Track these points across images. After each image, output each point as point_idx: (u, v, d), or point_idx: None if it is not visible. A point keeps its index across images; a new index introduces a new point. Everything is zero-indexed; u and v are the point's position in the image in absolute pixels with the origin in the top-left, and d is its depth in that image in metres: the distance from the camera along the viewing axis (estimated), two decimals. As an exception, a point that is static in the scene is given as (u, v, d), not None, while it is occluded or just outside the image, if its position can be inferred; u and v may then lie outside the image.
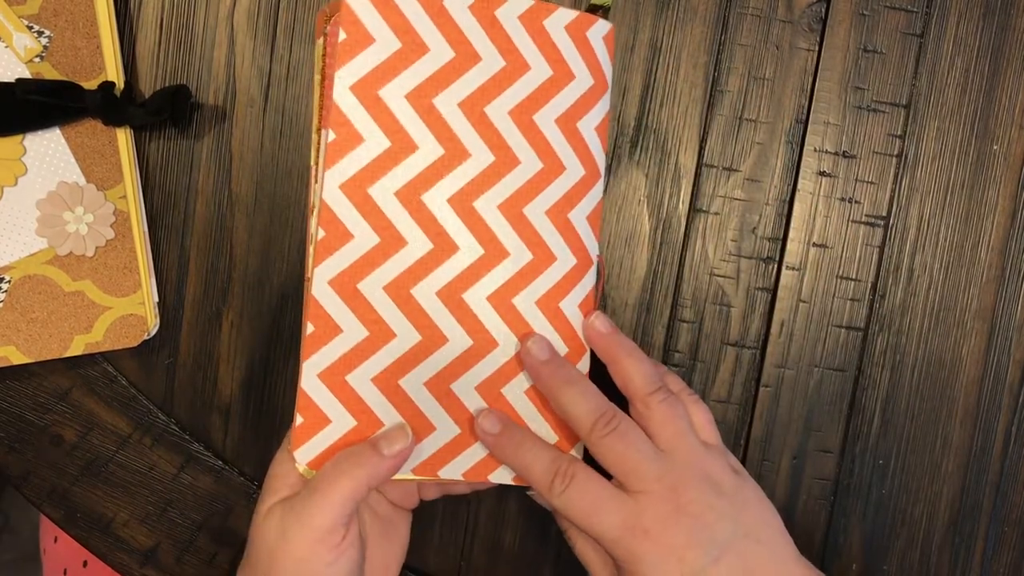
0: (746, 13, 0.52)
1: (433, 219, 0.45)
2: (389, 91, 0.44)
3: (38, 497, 0.54)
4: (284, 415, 0.54)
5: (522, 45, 0.46)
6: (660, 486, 0.43)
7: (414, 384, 0.45)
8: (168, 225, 0.52)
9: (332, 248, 0.44)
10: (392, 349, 0.45)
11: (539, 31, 0.46)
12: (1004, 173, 0.53)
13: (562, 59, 0.47)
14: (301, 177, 0.52)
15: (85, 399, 0.53)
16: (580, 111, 0.47)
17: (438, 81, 0.45)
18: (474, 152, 0.45)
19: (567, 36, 0.47)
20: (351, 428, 0.45)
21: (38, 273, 0.50)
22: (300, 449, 0.44)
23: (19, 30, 0.49)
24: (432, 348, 0.46)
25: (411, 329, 0.45)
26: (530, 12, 0.46)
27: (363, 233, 0.44)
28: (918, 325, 0.54)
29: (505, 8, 0.46)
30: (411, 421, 0.45)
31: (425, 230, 0.45)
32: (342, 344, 0.44)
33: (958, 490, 0.54)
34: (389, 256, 0.44)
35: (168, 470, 0.54)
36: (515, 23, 0.46)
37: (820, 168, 0.53)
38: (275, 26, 0.52)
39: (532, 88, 0.46)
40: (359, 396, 0.45)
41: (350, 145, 0.43)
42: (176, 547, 0.54)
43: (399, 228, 0.45)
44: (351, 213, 0.44)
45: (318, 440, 0.44)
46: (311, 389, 0.44)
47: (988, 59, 0.53)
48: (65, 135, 0.50)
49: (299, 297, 0.53)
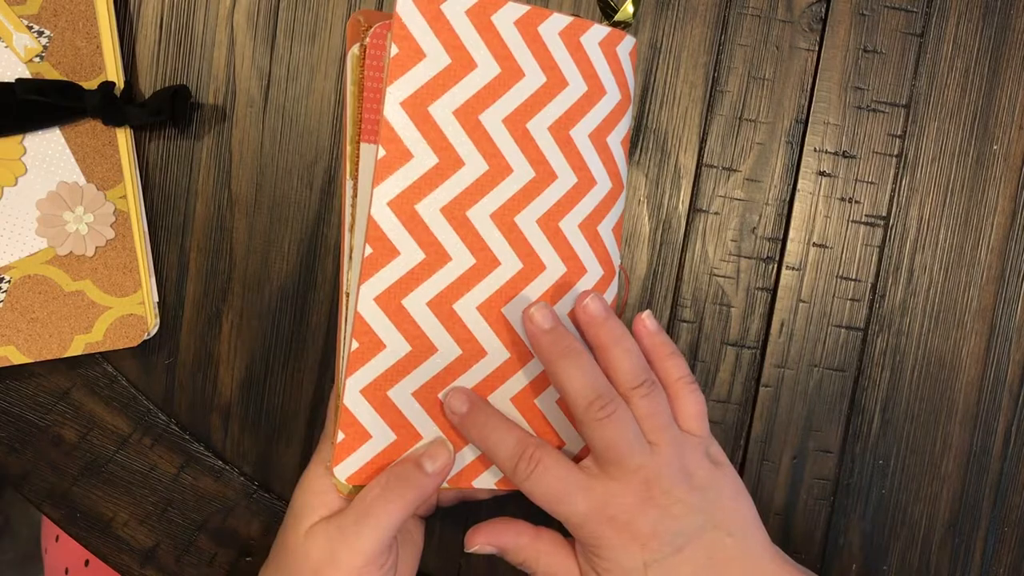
0: (746, 13, 0.52)
1: (477, 235, 0.45)
2: (438, 107, 0.44)
3: (38, 497, 0.54)
4: (284, 415, 0.54)
5: (561, 61, 0.46)
6: (635, 477, 0.43)
7: None
8: (168, 225, 0.52)
9: (379, 265, 0.44)
10: (433, 363, 0.45)
11: (576, 47, 0.46)
12: (1004, 173, 0.53)
13: (596, 74, 0.47)
14: (301, 177, 0.52)
15: (85, 399, 0.53)
16: (610, 126, 0.48)
17: (484, 97, 0.45)
18: (516, 168, 0.46)
19: (600, 52, 0.47)
20: (391, 443, 0.45)
21: (38, 273, 0.50)
22: (341, 465, 0.44)
23: (19, 30, 0.49)
24: (472, 362, 0.46)
25: (452, 343, 0.45)
26: (569, 28, 0.46)
27: (409, 250, 0.44)
28: (918, 325, 0.54)
29: (547, 24, 0.46)
30: (448, 433, 0.46)
31: (469, 246, 0.45)
32: (385, 360, 0.44)
33: (958, 490, 0.54)
34: (434, 272, 0.45)
35: (168, 470, 0.54)
36: (556, 39, 0.46)
37: (820, 168, 0.53)
38: (275, 26, 0.52)
39: (570, 104, 0.46)
40: (399, 411, 0.45)
41: (399, 162, 0.43)
42: (176, 547, 0.54)
43: (444, 244, 0.45)
44: (398, 230, 0.44)
45: (358, 456, 0.44)
46: (354, 405, 0.44)
47: (988, 59, 0.53)
48: (65, 135, 0.50)
49: (299, 297, 0.53)
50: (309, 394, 0.53)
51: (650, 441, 0.44)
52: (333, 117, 0.52)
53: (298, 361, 0.53)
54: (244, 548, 0.54)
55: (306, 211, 0.52)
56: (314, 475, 0.46)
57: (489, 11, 0.45)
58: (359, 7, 0.51)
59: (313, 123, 0.52)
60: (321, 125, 0.52)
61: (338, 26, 0.52)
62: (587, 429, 0.44)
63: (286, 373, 0.53)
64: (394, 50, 0.43)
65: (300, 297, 0.53)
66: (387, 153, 0.43)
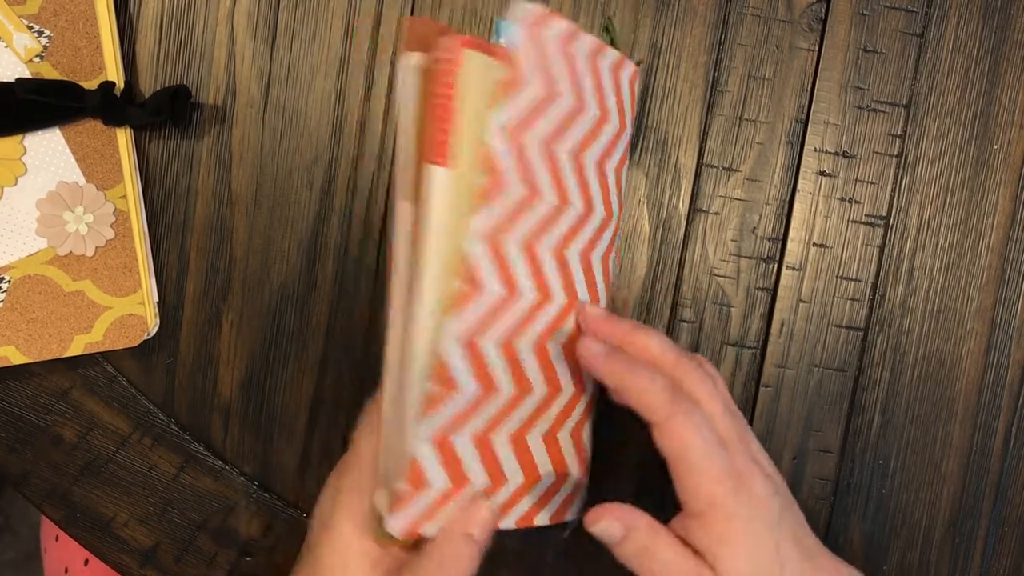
0: (746, 13, 0.52)
1: (540, 270, 0.43)
2: (530, 136, 0.41)
3: (38, 497, 0.54)
4: (284, 415, 0.54)
5: (587, 87, 0.44)
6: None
7: (501, 437, 0.43)
8: (168, 225, 0.52)
9: (466, 301, 0.40)
10: (492, 404, 0.42)
11: (596, 71, 0.45)
12: (1004, 173, 0.53)
13: (604, 100, 0.45)
14: (301, 177, 0.52)
15: (85, 399, 0.53)
16: (609, 152, 0.46)
17: (562, 128, 0.43)
18: (572, 201, 0.44)
19: (611, 77, 0.45)
20: (443, 491, 0.42)
21: (38, 273, 0.50)
22: (397, 516, 0.40)
23: (19, 30, 0.49)
24: (521, 400, 0.44)
25: (510, 382, 0.43)
26: (591, 51, 0.45)
27: (493, 286, 0.41)
28: (918, 325, 0.54)
29: (605, 55, 0.45)
30: (491, 474, 0.43)
31: (535, 281, 0.43)
32: (456, 404, 0.41)
33: (958, 490, 0.54)
34: (507, 309, 0.42)
35: (168, 470, 0.54)
36: (586, 63, 0.44)
37: (820, 168, 0.53)
38: (275, 26, 0.52)
39: (588, 129, 0.45)
40: (459, 457, 0.42)
41: (496, 192, 0.40)
42: (176, 547, 0.54)
43: (518, 279, 0.42)
44: (488, 265, 0.40)
45: (414, 507, 0.41)
46: (423, 455, 0.40)
47: (988, 59, 0.53)
48: (65, 135, 0.50)
49: (299, 297, 0.53)
50: (309, 394, 0.53)
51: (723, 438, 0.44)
52: (333, 117, 0.52)
53: (298, 361, 0.53)
54: (244, 548, 0.54)
55: (306, 211, 0.52)
56: (349, 533, 0.43)
57: (572, 40, 0.43)
58: (359, 7, 0.51)
59: (313, 123, 0.52)
60: (321, 125, 0.52)
61: (338, 26, 0.52)
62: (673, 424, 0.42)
63: (286, 373, 0.53)
64: (498, 72, 0.40)
65: (300, 297, 0.53)
66: (488, 183, 0.40)
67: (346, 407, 0.54)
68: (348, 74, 0.52)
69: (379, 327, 0.53)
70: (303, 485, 0.54)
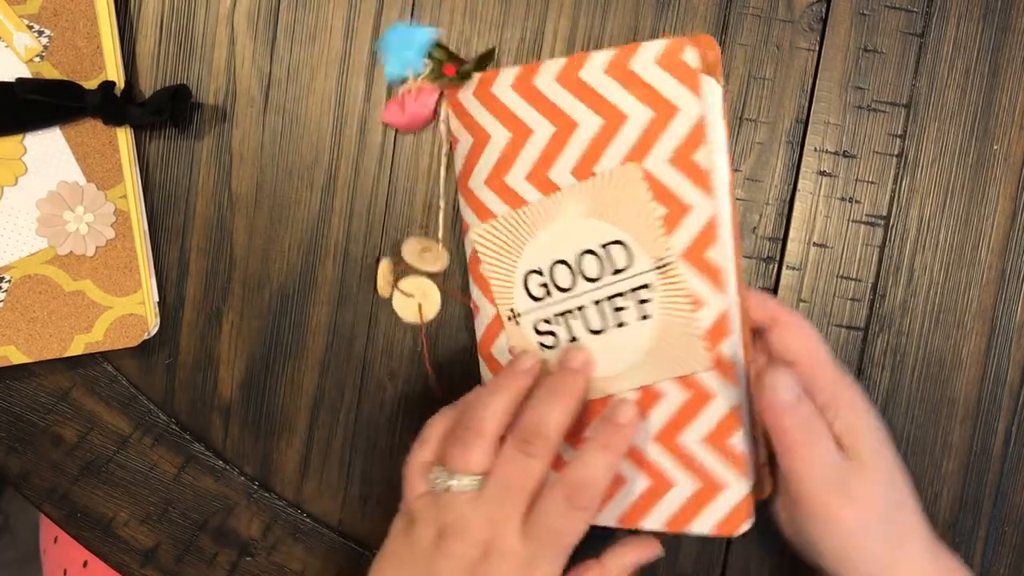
0: (746, 13, 0.52)
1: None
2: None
3: (38, 497, 0.54)
4: (284, 415, 0.54)
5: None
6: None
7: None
8: (168, 225, 0.52)
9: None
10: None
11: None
12: (1004, 173, 0.53)
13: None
14: (301, 177, 0.52)
15: (85, 399, 0.53)
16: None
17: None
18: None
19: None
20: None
21: (38, 273, 0.50)
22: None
23: (19, 29, 0.49)
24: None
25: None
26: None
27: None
28: (918, 325, 0.54)
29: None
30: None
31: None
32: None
33: (958, 490, 0.54)
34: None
35: (168, 470, 0.54)
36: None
37: (820, 168, 0.53)
38: (275, 27, 0.52)
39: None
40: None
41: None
42: (176, 547, 0.54)
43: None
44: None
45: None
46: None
47: (988, 60, 0.53)
48: (65, 135, 0.50)
49: (299, 297, 0.53)
50: (309, 394, 0.53)
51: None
52: (333, 117, 0.52)
53: (298, 361, 0.53)
54: (244, 548, 0.54)
55: (306, 211, 0.52)
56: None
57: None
58: (359, 9, 0.51)
59: (313, 123, 0.52)
60: (321, 125, 0.52)
61: (338, 27, 0.52)
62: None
63: (286, 373, 0.53)
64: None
65: (300, 297, 0.53)
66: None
67: (346, 407, 0.54)
68: (348, 74, 0.52)
69: (379, 328, 0.53)
70: (303, 485, 0.54)
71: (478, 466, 0.43)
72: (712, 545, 0.54)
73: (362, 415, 0.54)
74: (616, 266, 0.47)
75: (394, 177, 0.52)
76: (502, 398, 0.45)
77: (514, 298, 0.49)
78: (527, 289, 0.49)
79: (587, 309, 0.47)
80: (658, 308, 0.46)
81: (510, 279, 0.49)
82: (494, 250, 0.49)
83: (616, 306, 0.47)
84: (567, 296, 0.48)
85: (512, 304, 0.49)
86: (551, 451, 0.43)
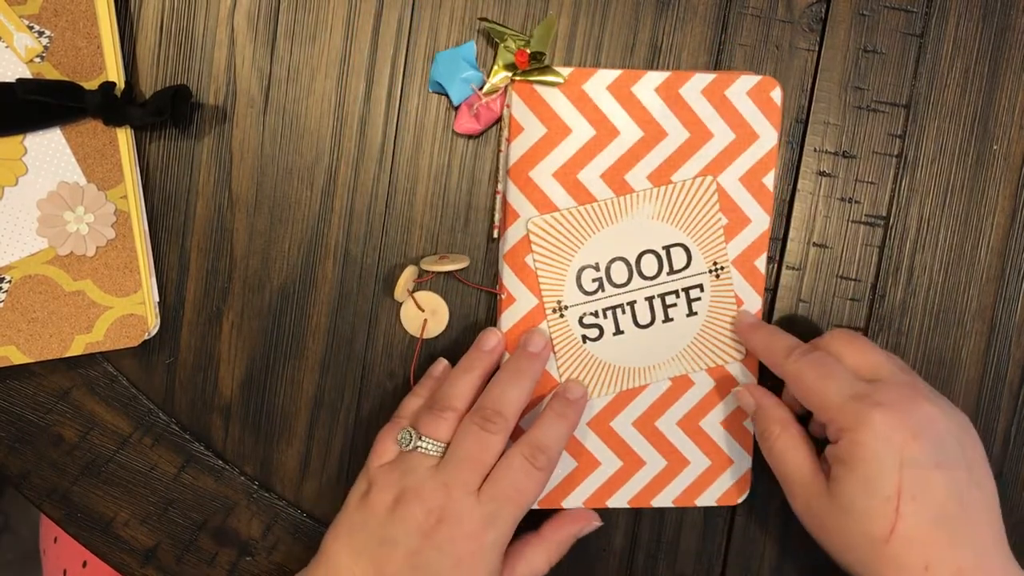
0: (746, 13, 0.52)
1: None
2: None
3: (38, 497, 0.54)
4: (284, 415, 0.54)
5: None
6: (903, 378, 0.46)
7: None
8: (168, 225, 0.53)
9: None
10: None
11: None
12: (1004, 173, 0.53)
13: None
14: (302, 177, 0.52)
15: (85, 399, 0.53)
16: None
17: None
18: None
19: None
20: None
21: (39, 273, 0.50)
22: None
23: (20, 30, 0.49)
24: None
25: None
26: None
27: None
28: (918, 325, 0.54)
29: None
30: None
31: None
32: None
33: (958, 490, 0.54)
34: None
35: (168, 470, 0.54)
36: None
37: (820, 168, 0.53)
38: (275, 27, 0.52)
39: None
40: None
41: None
42: (176, 547, 0.54)
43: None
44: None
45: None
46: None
47: (988, 59, 0.53)
48: (66, 135, 0.50)
49: (299, 297, 0.53)
50: (309, 394, 0.53)
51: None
52: (333, 118, 0.52)
53: (298, 361, 0.53)
54: (244, 548, 0.54)
55: (306, 211, 0.52)
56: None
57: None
58: (359, 9, 0.51)
59: (313, 124, 0.52)
60: (321, 126, 0.52)
61: (338, 27, 0.52)
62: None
63: (286, 373, 0.53)
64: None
65: (300, 297, 0.53)
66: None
67: (346, 407, 0.54)
68: (348, 75, 0.52)
69: (379, 328, 0.53)
70: (303, 485, 0.54)
71: (445, 436, 0.47)
72: (712, 545, 0.55)
73: (362, 415, 0.54)
74: (675, 267, 0.51)
75: (394, 177, 0.52)
76: (470, 376, 0.49)
77: (564, 291, 0.51)
78: (579, 283, 0.51)
79: (638, 304, 0.51)
80: (707, 306, 0.52)
81: (563, 272, 0.51)
82: (550, 242, 0.50)
83: (667, 303, 0.51)
84: (620, 291, 0.51)
85: (561, 297, 0.51)
86: (508, 428, 0.47)
